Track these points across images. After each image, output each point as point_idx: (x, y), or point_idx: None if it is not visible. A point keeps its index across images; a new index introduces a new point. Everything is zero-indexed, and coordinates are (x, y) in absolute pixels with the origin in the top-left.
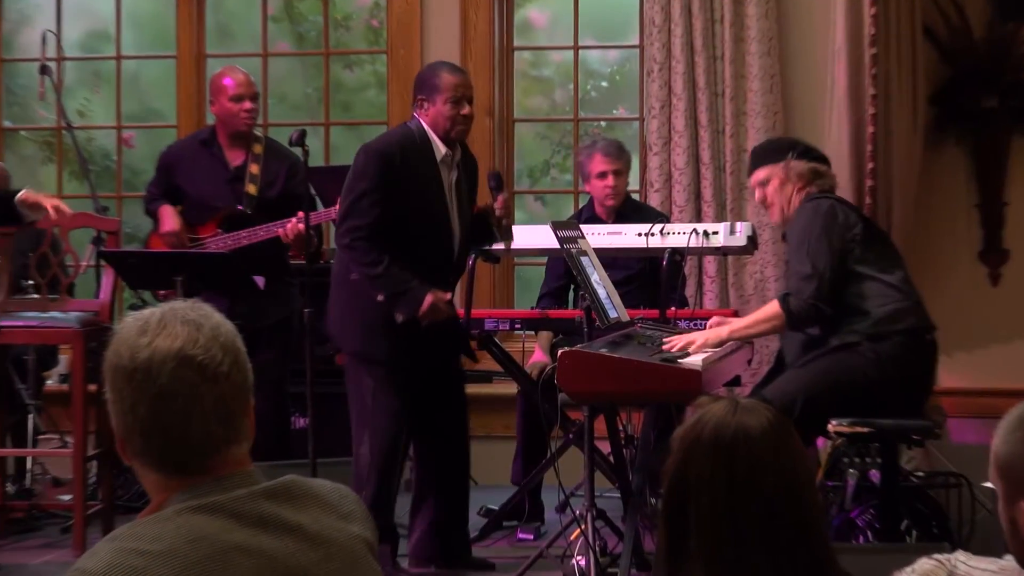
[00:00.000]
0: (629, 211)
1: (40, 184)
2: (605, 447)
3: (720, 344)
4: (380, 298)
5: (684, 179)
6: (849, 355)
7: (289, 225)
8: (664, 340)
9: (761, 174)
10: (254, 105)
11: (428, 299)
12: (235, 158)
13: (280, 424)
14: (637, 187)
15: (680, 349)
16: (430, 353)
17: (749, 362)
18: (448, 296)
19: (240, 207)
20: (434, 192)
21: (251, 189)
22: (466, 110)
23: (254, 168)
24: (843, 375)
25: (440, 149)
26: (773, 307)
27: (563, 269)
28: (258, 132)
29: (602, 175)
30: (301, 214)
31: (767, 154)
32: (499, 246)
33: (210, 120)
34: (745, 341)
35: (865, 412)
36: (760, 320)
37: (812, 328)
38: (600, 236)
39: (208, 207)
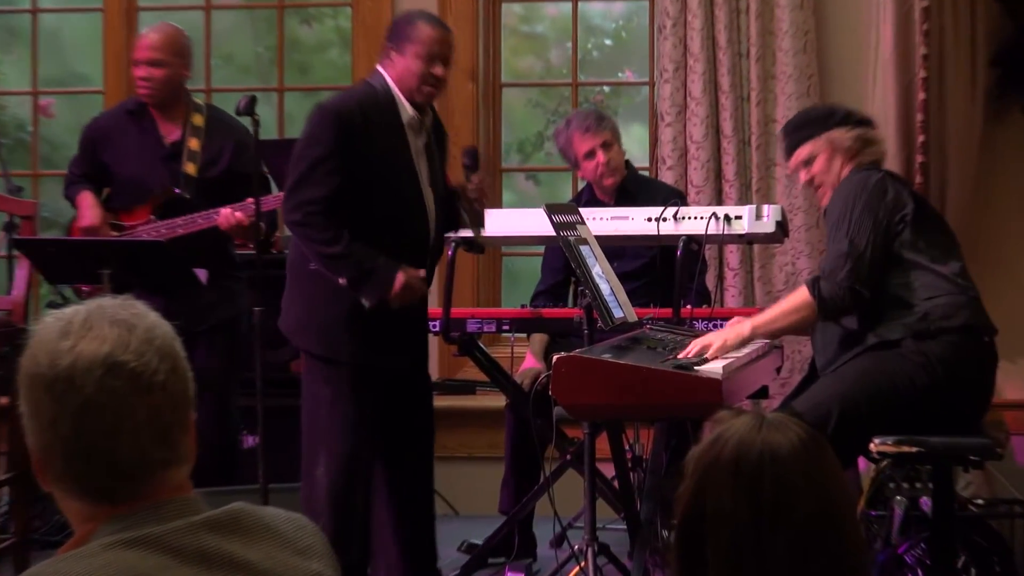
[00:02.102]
0: (635, 188)
1: None
2: (608, 470)
3: (743, 344)
4: (341, 281)
5: (702, 154)
6: (891, 356)
7: (223, 214)
8: (678, 346)
9: (803, 152)
10: (149, 72)
11: (399, 278)
12: (171, 132)
13: (225, 443)
14: (646, 164)
15: (696, 355)
16: (398, 355)
17: (778, 370)
18: (422, 273)
19: (176, 190)
20: (401, 159)
21: (189, 168)
22: (438, 70)
23: (193, 143)
24: (885, 381)
25: (407, 110)
26: (802, 294)
27: (561, 263)
28: (199, 100)
29: (589, 155)
30: (249, 201)
31: (804, 128)
32: (467, 233)
33: None
34: (773, 339)
35: (913, 427)
36: (787, 311)
37: (849, 319)
38: (603, 221)
39: (140, 190)
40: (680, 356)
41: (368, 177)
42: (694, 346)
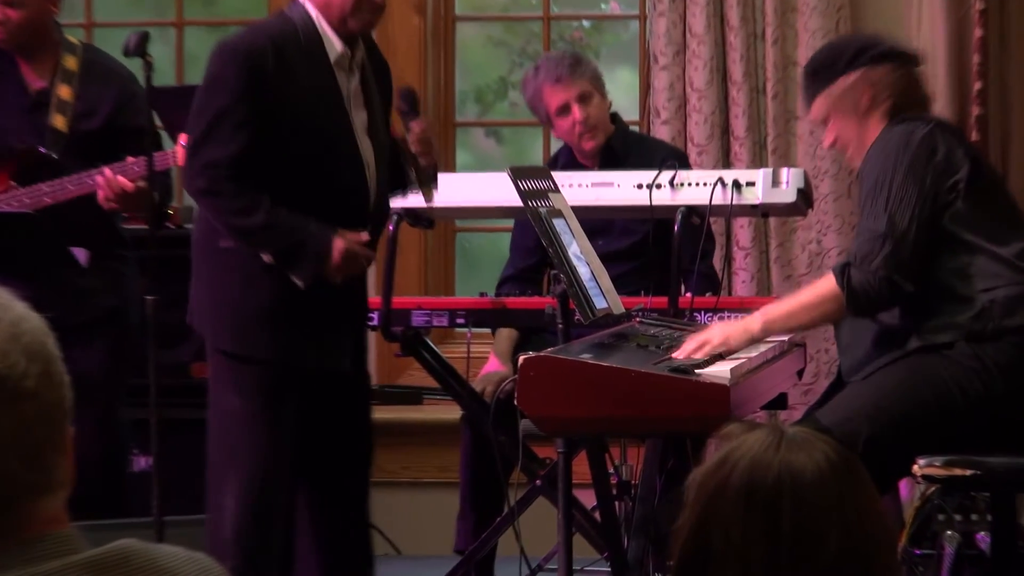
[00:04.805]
0: (623, 148)
1: None
2: (588, 498)
3: (750, 342)
4: (267, 258)
5: (705, 105)
6: (938, 361)
7: (102, 178)
8: (675, 343)
9: (817, 109)
10: (4, 13)
11: (338, 245)
12: (37, 77)
13: (110, 464)
14: (636, 117)
15: (691, 354)
16: (331, 352)
17: (800, 374)
18: (364, 236)
19: (42, 149)
20: (329, 106)
21: (58, 121)
22: None
23: (63, 91)
24: (931, 391)
25: (335, 46)
26: (827, 283)
27: (534, 241)
28: (74, 39)
29: (562, 110)
30: (131, 159)
31: (814, 77)
32: (412, 202)
33: None
34: (791, 341)
35: (966, 446)
36: (808, 303)
37: (888, 314)
38: (583, 188)
39: None
40: (675, 356)
41: (287, 130)
42: (689, 343)
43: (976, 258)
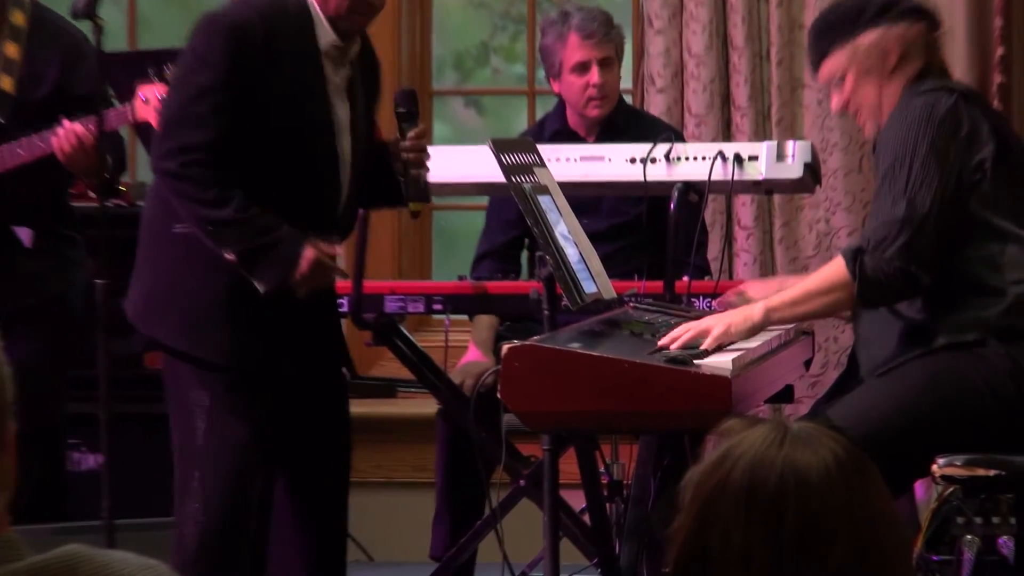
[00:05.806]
0: (623, 122)
1: None
2: (577, 500)
3: (753, 332)
4: (230, 256)
5: (704, 72)
6: (968, 360)
7: (62, 131)
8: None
9: (830, 66)
10: None
11: (308, 254)
12: None
13: (53, 463)
14: (629, 85)
15: (686, 343)
16: (297, 352)
17: (807, 364)
18: (336, 250)
19: None
20: (313, 96)
21: (6, 83)
22: None
23: (10, 49)
24: (956, 389)
25: (327, 33)
26: (836, 269)
27: (515, 214)
28: None
29: (581, 67)
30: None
31: (829, 32)
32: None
33: None
34: (798, 329)
35: (989, 445)
36: (815, 290)
37: (909, 306)
38: (571, 163)
39: None
40: (664, 342)
41: (265, 114)
42: (684, 331)
43: (1007, 246)
